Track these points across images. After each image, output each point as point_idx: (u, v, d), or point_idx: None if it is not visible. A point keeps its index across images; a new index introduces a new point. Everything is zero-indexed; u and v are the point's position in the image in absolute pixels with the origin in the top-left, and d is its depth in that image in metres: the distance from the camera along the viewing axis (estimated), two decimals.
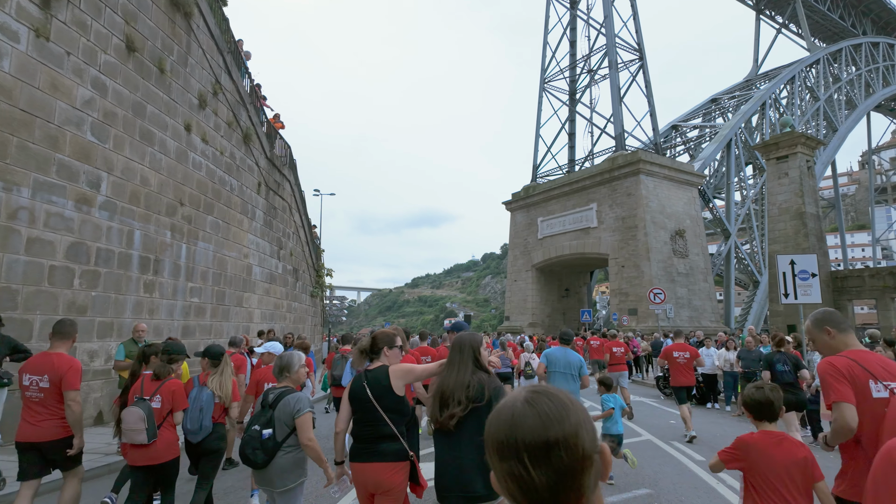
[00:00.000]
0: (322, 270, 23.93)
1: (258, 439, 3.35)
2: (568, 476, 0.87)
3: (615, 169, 37.13)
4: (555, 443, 0.87)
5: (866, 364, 2.72)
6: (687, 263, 36.90)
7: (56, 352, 4.23)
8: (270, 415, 3.43)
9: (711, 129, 51.57)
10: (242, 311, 14.45)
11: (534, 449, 0.87)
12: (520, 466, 0.87)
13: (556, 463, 0.86)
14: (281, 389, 3.57)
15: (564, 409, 0.90)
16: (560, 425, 0.88)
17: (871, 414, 2.60)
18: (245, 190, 14.57)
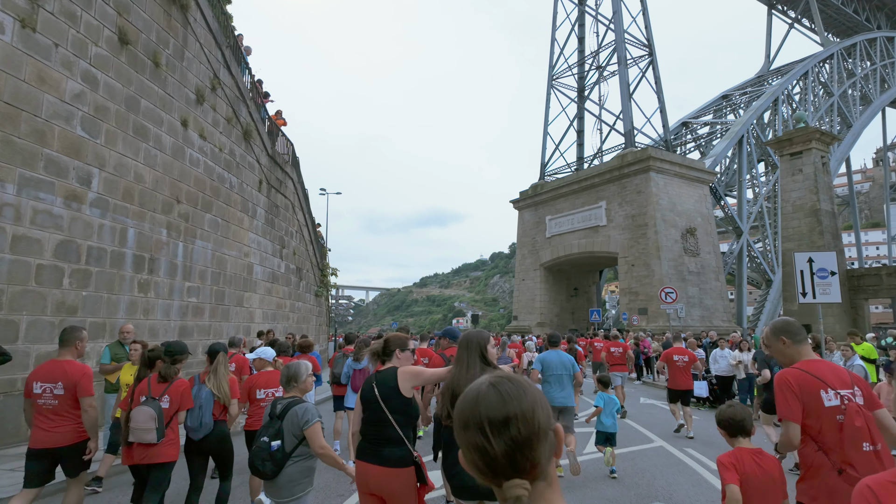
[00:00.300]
0: (327, 270, 23.63)
1: (267, 451, 3.35)
2: (524, 446, 0.98)
3: (625, 166, 36.59)
4: (513, 417, 0.98)
5: (818, 374, 2.83)
6: (698, 262, 36.29)
7: (65, 359, 4.30)
8: (279, 426, 3.43)
9: (722, 126, 50.83)
10: (243, 311, 14.17)
11: (494, 422, 0.98)
12: (482, 437, 0.99)
13: (513, 433, 0.97)
14: (289, 400, 3.56)
15: (522, 390, 1.03)
16: (518, 402, 1.00)
17: (827, 422, 2.73)
18: (245, 187, 14.28)
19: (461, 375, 3.01)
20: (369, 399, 3.22)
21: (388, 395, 3.17)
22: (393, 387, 3.19)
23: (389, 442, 3.13)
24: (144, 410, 4.04)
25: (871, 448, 2.67)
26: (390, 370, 3.30)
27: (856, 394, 2.80)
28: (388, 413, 3.13)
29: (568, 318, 44.51)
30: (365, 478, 3.15)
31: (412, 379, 3.26)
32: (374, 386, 3.24)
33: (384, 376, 3.27)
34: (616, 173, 37.19)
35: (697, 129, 54.60)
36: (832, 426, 2.72)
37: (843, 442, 2.68)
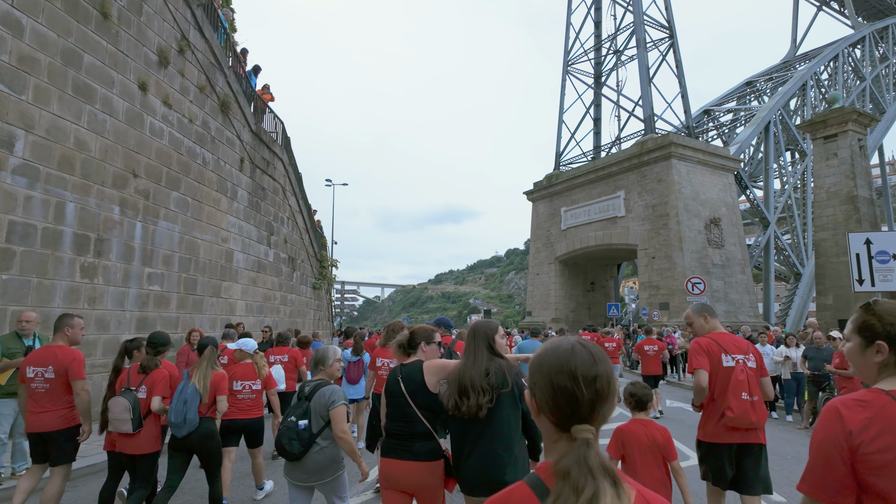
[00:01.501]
0: (326, 261, 22.24)
1: (294, 430, 3.33)
2: (603, 400, 1.17)
3: (644, 153, 34.67)
4: (601, 374, 1.18)
5: (721, 342, 3.89)
6: (723, 254, 34.28)
7: (58, 344, 4.36)
8: (306, 406, 3.42)
9: (747, 113, 48.49)
10: (221, 303, 12.80)
11: (587, 375, 1.17)
12: (573, 384, 1.16)
13: (598, 387, 1.17)
14: (316, 382, 3.56)
15: (604, 357, 1.23)
16: (604, 365, 1.20)
17: (722, 378, 3.74)
18: (223, 165, 12.90)
19: (468, 365, 2.92)
20: (395, 393, 3.13)
21: (414, 389, 3.09)
22: (419, 381, 3.11)
23: (419, 436, 3.04)
24: (120, 401, 4.07)
25: (748, 398, 3.61)
26: (416, 364, 3.22)
27: (749, 359, 3.80)
28: (416, 408, 3.05)
29: (584, 313, 42.68)
30: (395, 475, 3.04)
31: (438, 373, 3.14)
32: (399, 380, 3.14)
33: (409, 370, 3.18)
34: (635, 161, 35.29)
35: (719, 116, 52.31)
36: (724, 380, 3.70)
37: (728, 391, 3.63)
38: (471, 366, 2.91)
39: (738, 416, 3.60)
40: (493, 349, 3.01)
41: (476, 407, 2.77)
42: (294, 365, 7.71)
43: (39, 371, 4.24)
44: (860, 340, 1.67)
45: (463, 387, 2.83)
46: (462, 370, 2.92)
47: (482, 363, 2.91)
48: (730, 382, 3.66)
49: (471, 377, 2.84)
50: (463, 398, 2.81)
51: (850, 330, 1.72)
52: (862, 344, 1.66)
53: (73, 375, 4.24)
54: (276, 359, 7.61)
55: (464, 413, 2.80)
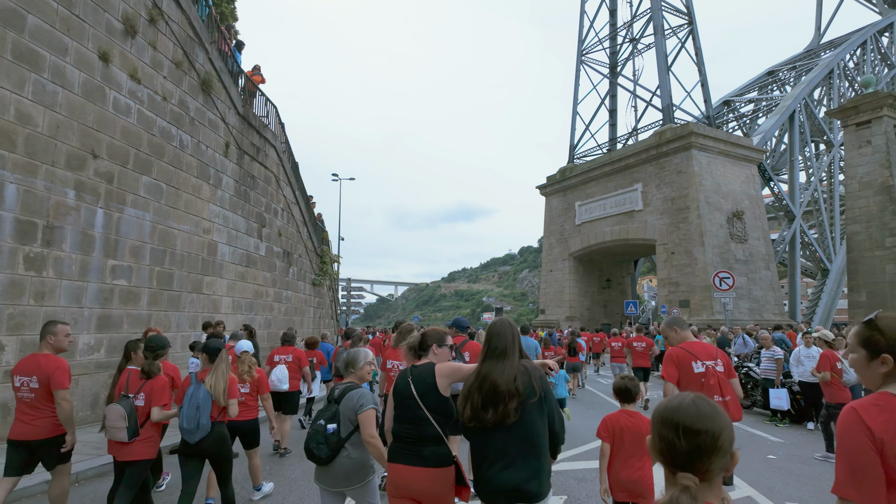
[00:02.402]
0: (327, 256, 21.14)
1: (323, 434, 3.23)
2: (704, 454, 1.31)
3: (663, 144, 33.12)
4: (703, 431, 1.32)
5: (692, 350, 4.31)
6: (746, 249, 32.64)
7: (42, 353, 4.30)
8: (335, 409, 3.32)
9: (768, 103, 46.59)
10: (203, 299, 11.73)
11: (688, 429, 1.33)
12: (673, 435, 1.34)
13: (699, 442, 1.31)
14: (346, 385, 3.46)
15: (716, 413, 1.36)
16: (711, 422, 1.33)
17: (695, 382, 4.10)
18: (205, 149, 11.82)
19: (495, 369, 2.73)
20: (404, 395, 3.03)
21: (425, 391, 2.99)
22: (431, 384, 3.01)
23: (429, 441, 2.94)
24: (116, 409, 3.99)
25: (720, 399, 4.02)
26: (427, 366, 3.13)
27: (717, 363, 4.26)
28: (426, 411, 2.95)
29: (600, 311, 41.23)
30: (405, 481, 2.92)
31: (450, 376, 3.05)
32: (409, 381, 3.04)
33: (420, 372, 3.09)
34: (653, 152, 33.75)
35: (740, 107, 50.41)
36: (697, 384, 4.11)
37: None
38: (498, 369, 2.74)
39: None
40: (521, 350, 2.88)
41: (504, 414, 2.63)
42: (298, 365, 7.64)
43: (25, 380, 4.21)
44: (865, 353, 1.80)
45: (496, 388, 2.67)
46: (486, 373, 2.74)
47: (512, 366, 2.75)
48: (703, 387, 4.05)
49: (496, 382, 2.69)
50: (489, 405, 2.66)
51: (855, 343, 1.84)
52: (867, 356, 1.79)
53: (55, 385, 4.17)
54: (280, 358, 7.58)
55: (488, 421, 2.65)
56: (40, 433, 4.18)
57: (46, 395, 4.20)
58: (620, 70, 42.84)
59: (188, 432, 4.16)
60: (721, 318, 29.37)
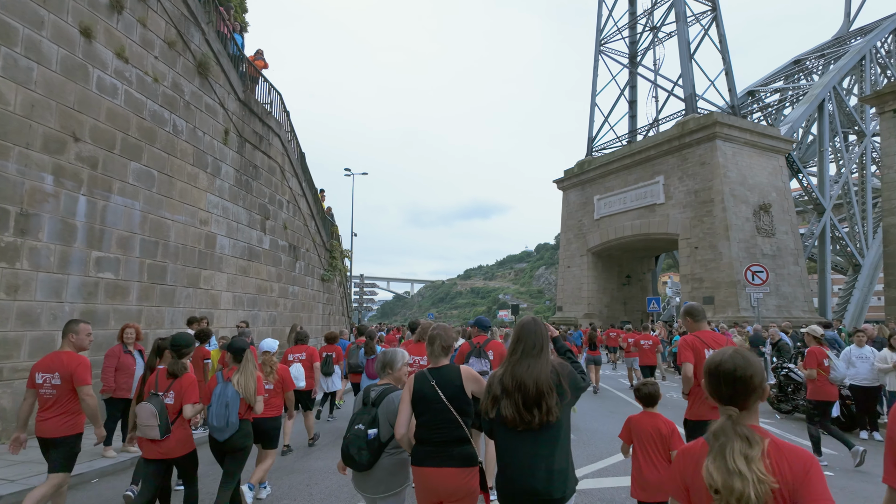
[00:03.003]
0: (337, 251, 20.47)
1: (364, 439, 3.11)
2: (741, 393, 1.74)
3: (686, 135, 31.91)
4: (739, 377, 1.74)
5: (704, 339, 4.57)
6: (773, 243, 31.32)
7: (64, 350, 4.35)
8: (374, 413, 3.20)
9: (795, 92, 44.93)
10: (200, 294, 11.11)
11: (727, 378, 1.76)
12: (717, 381, 1.78)
13: (736, 387, 1.74)
14: (383, 387, 3.34)
15: (748, 363, 1.76)
16: (743, 371, 1.74)
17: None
18: (202, 136, 11.17)
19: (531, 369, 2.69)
20: (431, 399, 2.98)
21: (454, 394, 2.99)
22: (458, 386, 3.03)
23: (458, 441, 2.96)
24: (146, 407, 3.99)
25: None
26: (452, 369, 3.12)
27: None
28: (456, 414, 2.95)
29: (619, 308, 40.08)
30: (433, 483, 2.91)
31: (476, 382, 3.09)
32: (435, 386, 3.00)
33: (446, 375, 3.06)
34: (676, 143, 32.55)
35: (765, 97, 48.76)
36: None
37: None
38: (536, 368, 2.69)
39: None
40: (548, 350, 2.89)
41: (549, 414, 2.61)
42: (311, 363, 7.68)
43: (47, 377, 4.24)
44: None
45: (533, 393, 2.62)
46: (523, 373, 2.69)
47: (547, 364, 2.73)
48: None
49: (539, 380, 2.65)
50: (533, 406, 2.60)
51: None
52: None
53: (77, 381, 4.21)
54: (294, 357, 7.56)
55: (535, 423, 2.60)
56: (55, 431, 4.21)
57: (67, 392, 4.22)
58: (640, 60, 41.58)
59: (218, 430, 4.21)
60: (747, 315, 28.14)
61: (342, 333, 11.27)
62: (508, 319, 51.82)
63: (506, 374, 2.74)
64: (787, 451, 1.63)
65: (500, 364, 6.47)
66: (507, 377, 2.72)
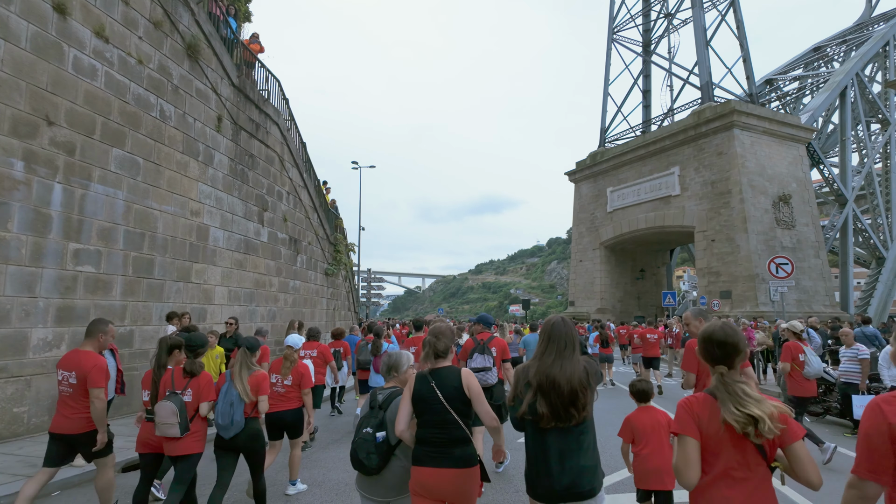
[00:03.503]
0: (341, 245, 19.91)
1: (372, 443, 3.08)
2: (732, 355, 2.22)
3: (702, 124, 30.93)
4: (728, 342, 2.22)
5: None
6: (794, 235, 30.29)
7: (84, 349, 4.38)
8: (382, 417, 3.17)
9: (815, 80, 43.55)
10: (192, 289, 10.58)
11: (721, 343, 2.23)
12: (713, 346, 2.26)
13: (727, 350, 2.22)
14: (390, 390, 3.32)
15: (733, 331, 2.26)
16: (733, 336, 2.23)
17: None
18: (192, 122, 10.62)
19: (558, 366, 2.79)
20: (429, 400, 3.00)
21: (452, 395, 2.99)
22: (457, 387, 3.02)
23: (459, 442, 2.96)
24: (166, 406, 4.03)
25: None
26: (452, 370, 3.11)
27: None
28: (455, 414, 2.96)
29: (633, 303, 39.23)
30: (433, 484, 2.91)
31: (477, 389, 3.06)
32: (434, 386, 3.02)
33: (446, 375, 3.07)
34: (692, 133, 31.58)
35: (783, 85, 47.38)
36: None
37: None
38: (569, 367, 2.78)
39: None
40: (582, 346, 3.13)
41: (585, 412, 2.72)
42: (323, 360, 7.76)
43: (65, 375, 4.29)
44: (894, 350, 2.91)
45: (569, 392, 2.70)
46: (557, 373, 2.76)
47: (578, 365, 2.80)
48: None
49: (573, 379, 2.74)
50: (569, 405, 2.69)
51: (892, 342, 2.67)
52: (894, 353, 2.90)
53: (91, 383, 4.24)
54: (306, 353, 7.57)
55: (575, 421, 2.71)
56: (77, 427, 4.25)
57: (83, 392, 4.26)
58: (654, 48, 40.52)
59: (223, 428, 4.26)
60: (767, 310, 27.20)
61: (353, 330, 11.19)
62: (520, 314, 51.10)
63: (539, 372, 2.78)
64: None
65: (500, 358, 5.92)
66: (540, 376, 2.77)
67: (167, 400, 4.05)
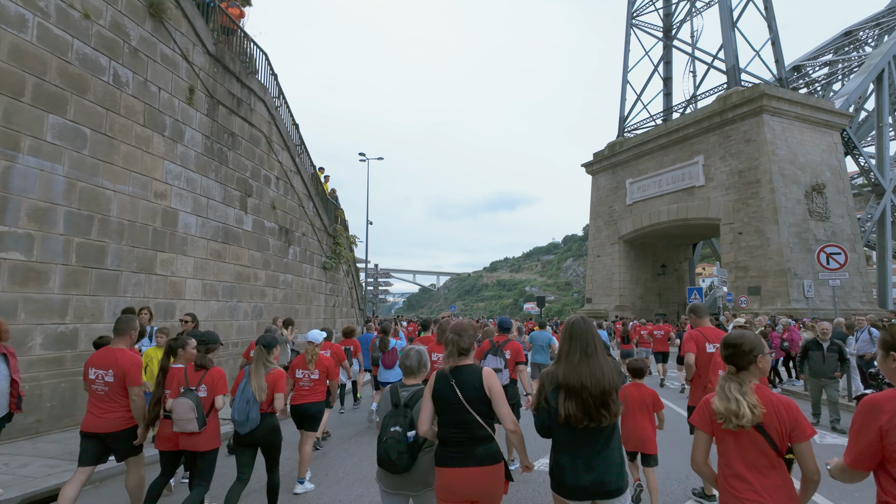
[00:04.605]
0: (342, 237, 18.55)
1: (404, 442, 3.01)
2: (741, 356, 2.48)
3: (728, 109, 29.08)
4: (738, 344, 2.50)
5: (706, 334, 5.07)
6: (828, 228, 28.34)
7: (118, 348, 4.39)
8: (410, 415, 3.12)
9: (847, 64, 41.26)
10: (157, 281, 9.28)
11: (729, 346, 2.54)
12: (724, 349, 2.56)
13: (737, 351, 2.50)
14: (414, 388, 3.26)
15: (744, 337, 2.51)
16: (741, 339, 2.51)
17: (705, 360, 4.92)
18: (156, 91, 9.31)
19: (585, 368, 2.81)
20: (449, 399, 2.95)
21: (472, 396, 2.93)
22: (478, 387, 2.95)
23: (481, 441, 2.92)
24: (183, 402, 4.09)
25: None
26: (473, 369, 3.04)
27: None
28: (476, 415, 2.90)
29: (653, 300, 37.43)
30: (459, 484, 2.87)
31: (498, 388, 2.99)
32: (453, 385, 2.96)
33: (467, 375, 3.00)
34: (717, 120, 29.73)
35: (812, 72, 45.09)
36: (707, 362, 4.89)
37: (708, 369, 4.83)
38: (597, 367, 2.79)
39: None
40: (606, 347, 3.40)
41: (616, 412, 2.75)
42: (336, 360, 7.35)
43: (100, 374, 4.29)
44: (883, 353, 2.30)
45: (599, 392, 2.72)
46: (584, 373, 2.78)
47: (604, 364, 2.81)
48: (710, 363, 4.82)
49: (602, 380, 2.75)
50: (600, 406, 2.71)
51: (878, 346, 2.36)
52: (883, 355, 2.29)
53: (130, 381, 4.27)
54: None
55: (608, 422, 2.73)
56: (111, 426, 4.25)
57: (120, 390, 4.28)
58: (676, 33, 38.61)
59: (240, 424, 4.29)
60: (800, 307, 25.35)
61: (368, 328, 11.69)
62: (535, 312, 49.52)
63: (567, 373, 2.80)
64: (778, 401, 2.37)
65: (514, 361, 6.06)
66: (569, 377, 2.77)
67: (183, 396, 4.13)
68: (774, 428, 2.30)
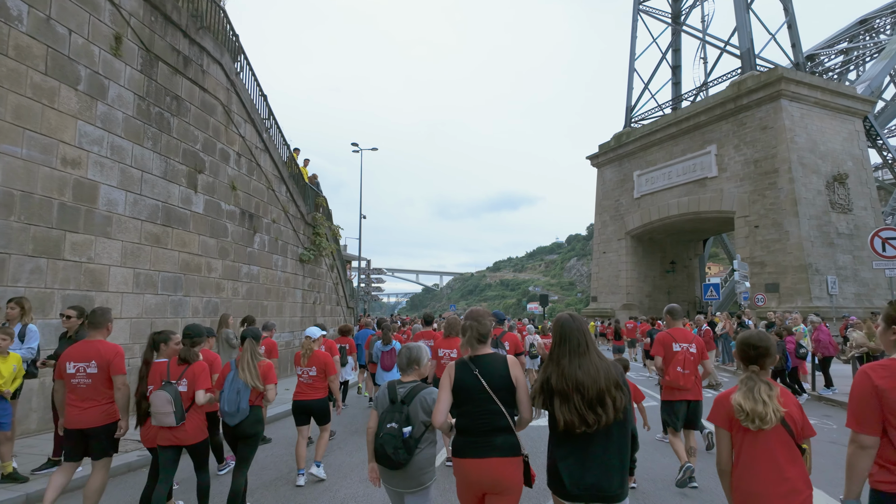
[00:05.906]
0: (321, 227, 16.76)
1: (400, 438, 3.02)
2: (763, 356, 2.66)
3: (743, 95, 27.21)
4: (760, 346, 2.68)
5: (674, 335, 5.67)
6: (850, 220, 26.46)
7: (97, 339, 4.30)
8: (406, 411, 3.12)
9: (861, 53, 39.36)
10: (68, 269, 7.53)
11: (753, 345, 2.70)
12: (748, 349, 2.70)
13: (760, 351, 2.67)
14: (412, 384, 3.26)
15: (765, 339, 2.72)
16: (765, 340, 2.71)
17: (670, 357, 5.57)
18: (66, 35, 7.56)
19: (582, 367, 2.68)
20: (473, 388, 2.85)
21: (499, 385, 2.85)
22: (505, 376, 2.88)
23: (501, 430, 2.83)
24: (161, 395, 4.04)
25: (681, 370, 5.47)
26: (497, 357, 2.97)
27: (691, 346, 5.58)
28: (501, 405, 2.83)
29: (662, 298, 35.49)
30: (477, 475, 2.78)
31: (521, 376, 2.94)
32: (478, 375, 2.86)
33: (490, 364, 2.92)
34: (731, 106, 27.86)
35: (826, 61, 43.23)
36: (673, 360, 5.55)
37: (671, 365, 5.53)
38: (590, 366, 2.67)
39: (671, 380, 5.51)
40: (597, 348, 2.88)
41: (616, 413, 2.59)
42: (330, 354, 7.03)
43: (81, 367, 4.18)
44: (885, 325, 2.60)
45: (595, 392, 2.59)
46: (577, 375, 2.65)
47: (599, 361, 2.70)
48: (672, 360, 5.53)
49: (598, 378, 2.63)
50: (596, 406, 2.57)
51: (881, 318, 2.64)
52: (885, 327, 2.59)
53: (115, 370, 4.22)
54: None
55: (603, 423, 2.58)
56: (93, 421, 4.16)
57: (104, 382, 4.20)
58: (685, 18, 36.78)
59: (229, 415, 4.31)
60: (822, 305, 23.50)
61: (367, 325, 11.82)
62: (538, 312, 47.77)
63: (558, 377, 2.67)
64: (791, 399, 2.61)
65: (513, 353, 6.10)
66: (560, 380, 2.65)
67: (162, 389, 4.07)
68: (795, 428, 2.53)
